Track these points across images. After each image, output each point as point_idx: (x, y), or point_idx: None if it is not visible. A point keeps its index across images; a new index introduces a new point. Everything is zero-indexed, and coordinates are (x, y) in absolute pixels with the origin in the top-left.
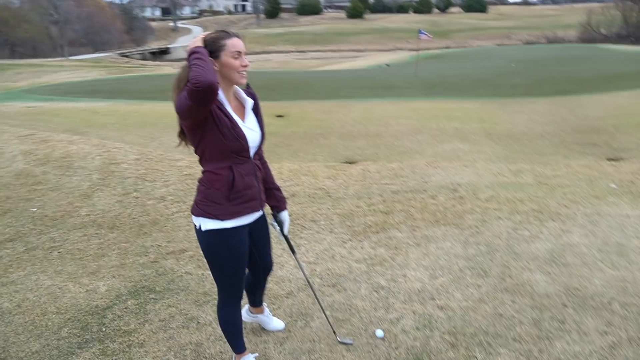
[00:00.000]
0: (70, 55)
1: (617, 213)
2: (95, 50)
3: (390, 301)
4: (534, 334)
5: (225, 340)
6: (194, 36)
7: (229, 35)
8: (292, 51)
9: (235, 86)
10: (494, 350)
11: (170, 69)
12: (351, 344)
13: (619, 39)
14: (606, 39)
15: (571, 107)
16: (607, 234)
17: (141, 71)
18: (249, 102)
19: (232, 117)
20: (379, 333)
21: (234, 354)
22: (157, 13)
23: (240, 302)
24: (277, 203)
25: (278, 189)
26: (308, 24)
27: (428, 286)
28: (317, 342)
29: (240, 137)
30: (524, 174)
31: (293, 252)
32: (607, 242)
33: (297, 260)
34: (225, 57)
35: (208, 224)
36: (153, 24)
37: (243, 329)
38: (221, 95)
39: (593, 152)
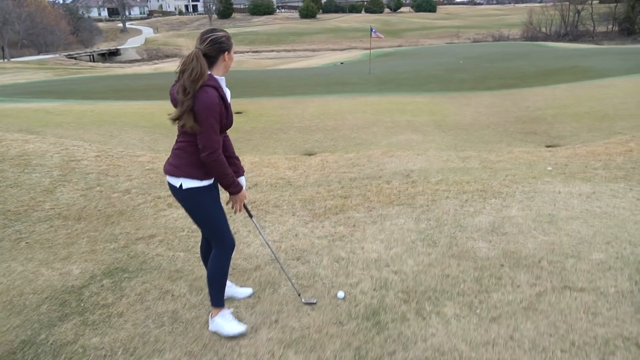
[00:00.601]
0: (12, 57)
1: (550, 190)
2: (39, 52)
3: (350, 269)
4: (475, 289)
5: (209, 291)
6: (145, 37)
7: (229, 37)
8: (247, 51)
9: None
10: (441, 303)
11: (122, 70)
12: (315, 304)
13: (558, 37)
14: (547, 37)
15: (514, 100)
16: (541, 207)
17: (91, 72)
18: (228, 91)
19: (230, 108)
20: (340, 294)
21: (211, 312)
22: (104, 13)
23: (232, 251)
24: (237, 169)
25: (237, 158)
26: (261, 24)
27: (384, 256)
28: (284, 304)
29: (229, 122)
30: (470, 160)
31: (250, 216)
32: (540, 213)
33: (256, 224)
34: (230, 52)
35: (189, 183)
36: (101, 24)
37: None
38: (222, 82)
39: (533, 140)
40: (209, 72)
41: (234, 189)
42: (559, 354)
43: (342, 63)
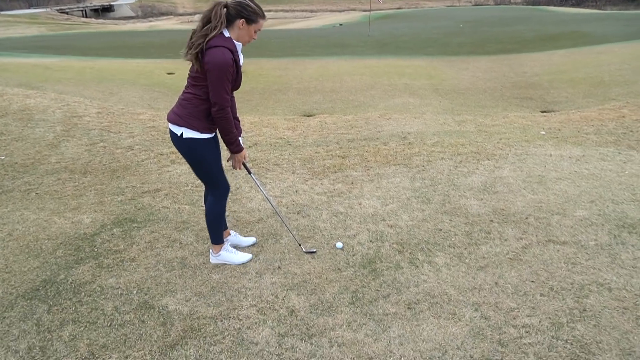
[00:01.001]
0: (2, 10)
1: (542, 153)
2: (29, 6)
3: (348, 222)
4: (465, 242)
5: (209, 232)
6: None
7: (261, 15)
8: None
9: None
10: (433, 253)
11: (116, 27)
12: (315, 252)
13: (561, 1)
14: (550, 2)
15: (512, 65)
16: (532, 168)
17: (85, 28)
18: (242, 57)
19: (240, 69)
20: (339, 245)
21: (211, 249)
22: None
23: (227, 197)
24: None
25: (237, 119)
26: None
27: (380, 211)
28: (286, 253)
29: (237, 85)
30: (466, 124)
31: (249, 172)
32: (531, 174)
33: (255, 180)
34: (250, 28)
35: (189, 134)
36: None
37: None
38: (239, 47)
39: (529, 105)
40: (228, 35)
41: (235, 148)
42: (539, 297)
43: (341, 25)
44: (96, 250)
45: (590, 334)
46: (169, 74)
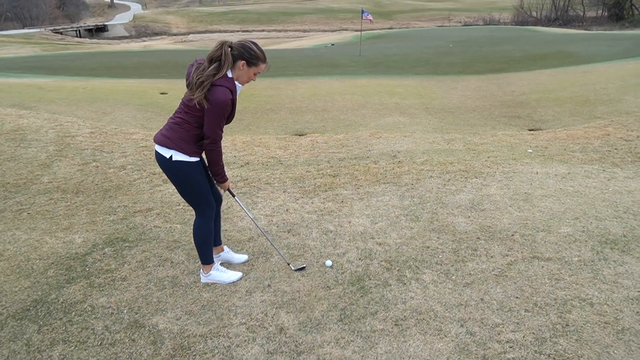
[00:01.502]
0: None
1: (529, 171)
2: (23, 26)
3: (337, 241)
4: (452, 259)
5: (199, 253)
6: (133, 13)
7: (262, 59)
8: (237, 30)
9: None
10: (420, 271)
11: (110, 47)
12: (304, 268)
13: (549, 21)
14: (537, 22)
15: (500, 84)
16: (518, 186)
17: (79, 48)
18: (238, 91)
19: (235, 107)
20: (328, 263)
21: (202, 269)
22: None
23: (213, 218)
24: None
25: None
26: (252, 3)
27: (369, 229)
28: (276, 271)
29: (231, 119)
30: (455, 142)
31: (233, 196)
32: (517, 192)
33: (239, 202)
34: (250, 70)
35: (178, 156)
36: None
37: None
38: (238, 88)
39: (517, 124)
40: (230, 75)
41: (221, 178)
42: (523, 312)
43: (333, 45)
44: (87, 269)
45: (572, 349)
46: (162, 93)
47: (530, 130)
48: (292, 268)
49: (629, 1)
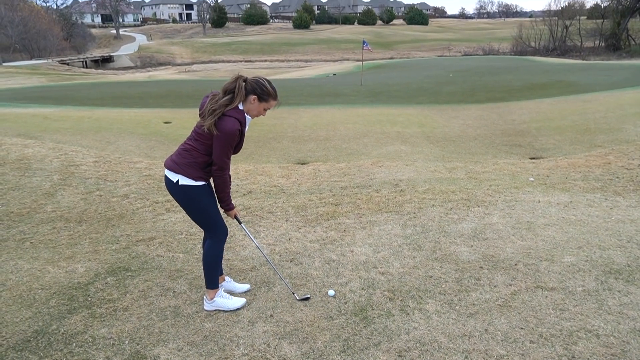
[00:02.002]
0: (4, 62)
1: (530, 199)
2: (31, 57)
3: (340, 270)
4: (456, 288)
5: (205, 276)
6: (138, 44)
7: (274, 96)
8: (240, 60)
9: None
10: (424, 301)
11: (115, 77)
12: (309, 298)
13: (547, 51)
14: (536, 52)
15: (501, 113)
16: (521, 215)
17: (85, 79)
18: (248, 124)
19: (244, 138)
20: (331, 292)
21: (206, 294)
22: (98, 20)
23: (224, 241)
24: None
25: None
26: (255, 34)
27: (372, 258)
28: (279, 301)
29: (239, 149)
30: (457, 171)
31: (239, 222)
32: (520, 221)
33: (246, 230)
34: (261, 105)
35: (185, 181)
36: (94, 30)
37: None
38: (248, 120)
39: (518, 152)
40: (241, 108)
41: (227, 206)
42: (528, 344)
43: (334, 74)
44: (89, 299)
45: None
46: (165, 123)
47: (531, 158)
48: (297, 298)
49: (625, 32)
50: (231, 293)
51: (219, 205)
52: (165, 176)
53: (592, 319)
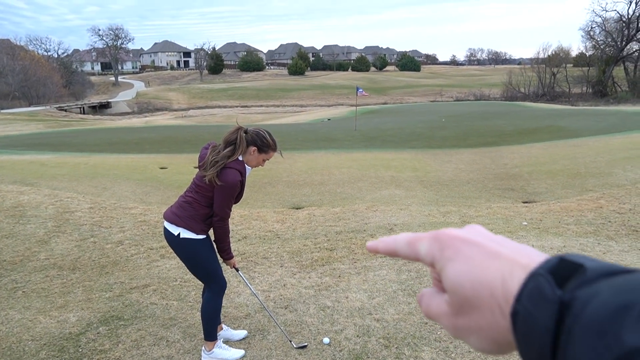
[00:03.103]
0: (2, 109)
1: (524, 244)
2: (30, 104)
3: (335, 317)
4: (451, 335)
5: (204, 328)
6: (136, 90)
7: (273, 148)
8: (236, 106)
9: None
10: (419, 348)
11: (112, 123)
12: (306, 346)
13: (536, 97)
14: (525, 97)
15: (493, 157)
16: None
17: (82, 125)
18: (248, 172)
19: (244, 188)
20: (326, 340)
21: (204, 346)
22: (97, 68)
23: (223, 294)
24: None
25: None
26: (251, 80)
27: (367, 304)
28: (273, 349)
29: (240, 198)
30: (451, 215)
31: (237, 270)
32: None
33: (242, 277)
34: (260, 156)
35: (186, 234)
36: (93, 78)
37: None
38: (248, 170)
39: (511, 196)
40: (241, 159)
41: (227, 255)
42: None
43: (329, 119)
44: (80, 350)
45: None
46: (161, 168)
47: (524, 202)
48: (294, 346)
49: (611, 79)
50: (228, 341)
51: (218, 255)
52: (165, 229)
53: None
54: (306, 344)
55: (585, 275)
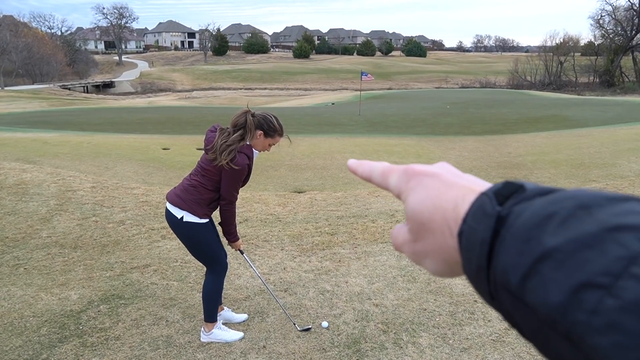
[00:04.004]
0: (6, 86)
1: None
2: (33, 82)
3: (334, 301)
4: (450, 322)
5: (204, 309)
6: (140, 70)
7: (280, 133)
8: (240, 88)
9: None
10: (417, 334)
11: (115, 102)
12: (310, 328)
13: (542, 86)
14: (531, 86)
15: (497, 145)
16: None
17: (85, 104)
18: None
19: (251, 171)
20: (324, 324)
21: (204, 327)
22: (101, 46)
23: (224, 276)
24: None
25: None
26: (255, 62)
27: (366, 289)
28: (272, 332)
29: (246, 182)
30: None
31: (241, 252)
32: None
33: (247, 259)
34: (267, 140)
35: (189, 218)
36: (97, 57)
37: None
38: (255, 154)
39: None
40: (248, 143)
41: (232, 238)
42: None
43: (333, 104)
44: (81, 328)
45: None
46: (164, 149)
47: None
48: (298, 328)
49: (618, 69)
50: (228, 323)
51: (220, 238)
52: (168, 210)
53: None
54: (310, 326)
55: (524, 193)
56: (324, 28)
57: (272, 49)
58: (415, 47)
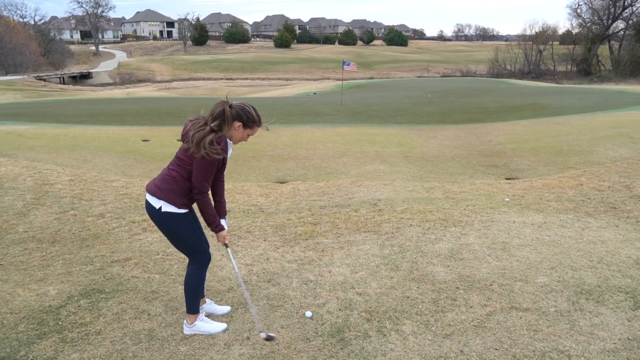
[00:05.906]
0: None
1: (506, 220)
2: (6, 73)
3: (318, 291)
4: (432, 309)
5: (186, 301)
6: (118, 61)
7: (258, 124)
8: (221, 78)
9: None
10: (400, 322)
11: (93, 93)
12: (274, 338)
13: (522, 74)
14: (511, 74)
15: (478, 134)
16: (496, 235)
17: (62, 95)
18: (230, 151)
19: (226, 163)
20: (308, 314)
21: (186, 318)
22: (77, 36)
23: (206, 267)
24: (219, 211)
25: (224, 202)
26: (236, 52)
27: (349, 279)
28: (255, 323)
29: (221, 173)
30: (435, 191)
31: (226, 246)
32: (495, 241)
33: (230, 254)
34: (245, 131)
35: (167, 208)
36: (73, 47)
37: None
38: (230, 145)
39: (494, 172)
40: (224, 134)
41: (215, 228)
42: None
43: (314, 93)
44: (60, 323)
45: None
46: (144, 140)
47: (507, 179)
48: (262, 336)
49: (595, 57)
50: (211, 315)
51: (205, 231)
52: (147, 201)
53: (564, 339)
54: (274, 335)
55: None
56: (305, 17)
57: (252, 39)
58: (397, 36)
